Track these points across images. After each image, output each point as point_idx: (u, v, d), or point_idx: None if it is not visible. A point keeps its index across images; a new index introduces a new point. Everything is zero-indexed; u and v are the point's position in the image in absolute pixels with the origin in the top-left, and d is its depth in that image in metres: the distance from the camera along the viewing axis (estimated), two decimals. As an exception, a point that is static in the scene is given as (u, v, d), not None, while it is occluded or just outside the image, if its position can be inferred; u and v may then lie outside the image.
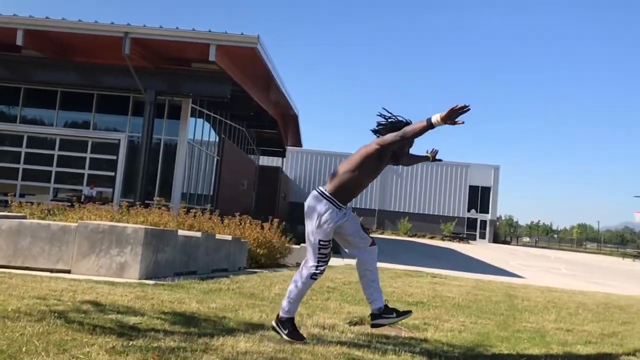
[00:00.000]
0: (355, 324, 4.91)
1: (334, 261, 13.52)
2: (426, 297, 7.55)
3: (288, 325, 3.74)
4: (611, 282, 17.05)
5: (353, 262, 13.85)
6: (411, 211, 46.90)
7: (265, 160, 36.39)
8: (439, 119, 3.38)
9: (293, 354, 3.29)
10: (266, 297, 5.91)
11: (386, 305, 3.85)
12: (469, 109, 3.35)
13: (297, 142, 32.21)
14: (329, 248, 3.78)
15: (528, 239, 79.89)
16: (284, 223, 12.49)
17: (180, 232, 7.79)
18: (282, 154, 33.69)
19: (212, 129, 20.18)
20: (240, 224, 10.65)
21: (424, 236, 44.11)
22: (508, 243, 55.90)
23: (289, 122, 26.79)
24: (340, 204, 3.71)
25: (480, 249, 31.61)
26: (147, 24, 14.41)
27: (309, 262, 3.78)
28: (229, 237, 9.20)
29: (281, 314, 3.78)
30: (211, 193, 20.26)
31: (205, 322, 4.08)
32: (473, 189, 46.67)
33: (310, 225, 3.74)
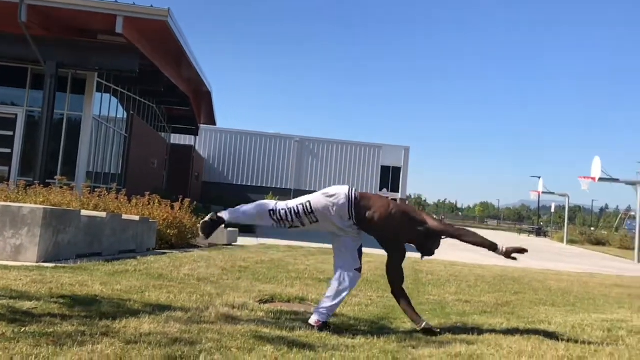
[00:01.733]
0: (266, 302, 4.94)
1: (247, 240, 13.51)
2: (337, 274, 7.73)
3: None
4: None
5: (267, 241, 13.90)
6: (326, 191, 47.55)
7: (177, 139, 35.29)
8: (504, 250, 3.92)
9: (199, 334, 3.26)
10: (175, 278, 5.79)
11: (326, 322, 3.90)
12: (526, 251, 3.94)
13: (211, 121, 31.48)
14: (297, 221, 3.82)
15: (435, 217, 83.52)
16: (195, 203, 12.23)
17: (84, 212, 7.42)
18: (195, 132, 32.80)
19: (120, 104, 19.24)
20: (149, 203, 10.31)
21: (338, 215, 45.02)
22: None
23: (202, 99, 26.09)
24: (352, 212, 3.78)
25: (391, 227, 32.72)
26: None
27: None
28: (137, 218, 8.89)
29: None
30: (119, 172, 19.42)
31: (109, 305, 3.94)
32: (385, 169, 48.03)
33: (320, 192, 3.94)
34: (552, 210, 52.33)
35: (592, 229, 53.78)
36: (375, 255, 12.22)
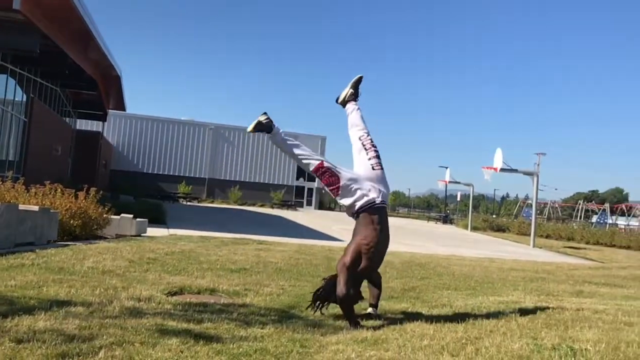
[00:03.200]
0: (174, 294, 4.83)
1: (157, 231, 13.11)
2: (250, 263, 7.69)
3: None
4: (417, 242, 19.04)
5: (178, 232, 13.59)
6: (242, 180, 47.12)
7: (83, 124, 33.50)
8: None
9: (100, 330, 3.13)
10: (77, 271, 5.51)
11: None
12: None
13: (121, 106, 30.11)
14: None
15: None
16: (102, 192, 11.68)
17: (-26, 203, 6.86)
18: (102, 118, 31.26)
19: (18, 86, 17.92)
20: (51, 193, 9.71)
21: (254, 204, 44.68)
22: (332, 209, 59.11)
23: (111, 84, 24.85)
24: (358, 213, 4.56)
25: (306, 216, 33.03)
26: None
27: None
28: (36, 208, 8.35)
29: None
30: (17, 159, 18.12)
31: (0, 302, 3.68)
32: (301, 158, 48.23)
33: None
34: (458, 198, 54.92)
35: (494, 216, 57.21)
36: (289, 244, 12.30)
